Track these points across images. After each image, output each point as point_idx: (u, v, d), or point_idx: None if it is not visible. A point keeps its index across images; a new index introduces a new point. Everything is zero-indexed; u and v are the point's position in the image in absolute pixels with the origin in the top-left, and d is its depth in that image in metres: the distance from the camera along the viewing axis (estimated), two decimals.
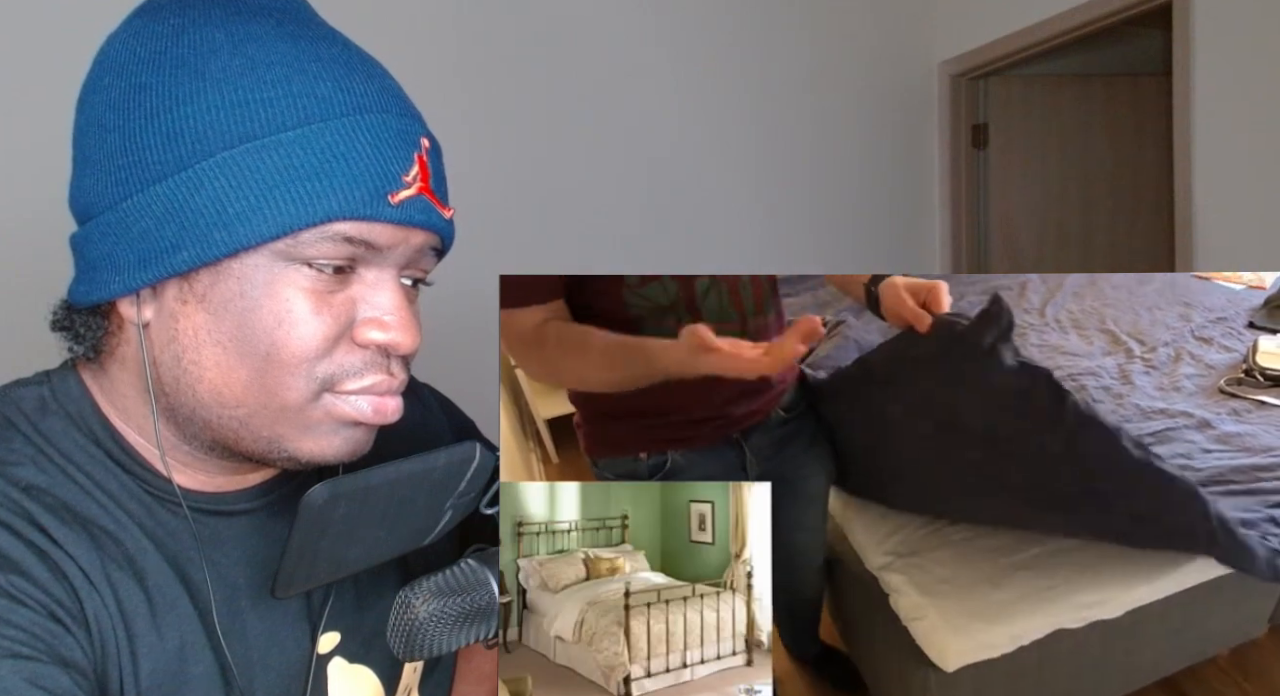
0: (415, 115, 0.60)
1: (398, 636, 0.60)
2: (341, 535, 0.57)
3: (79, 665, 0.53)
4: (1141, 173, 3.27)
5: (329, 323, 0.56)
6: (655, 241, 2.72)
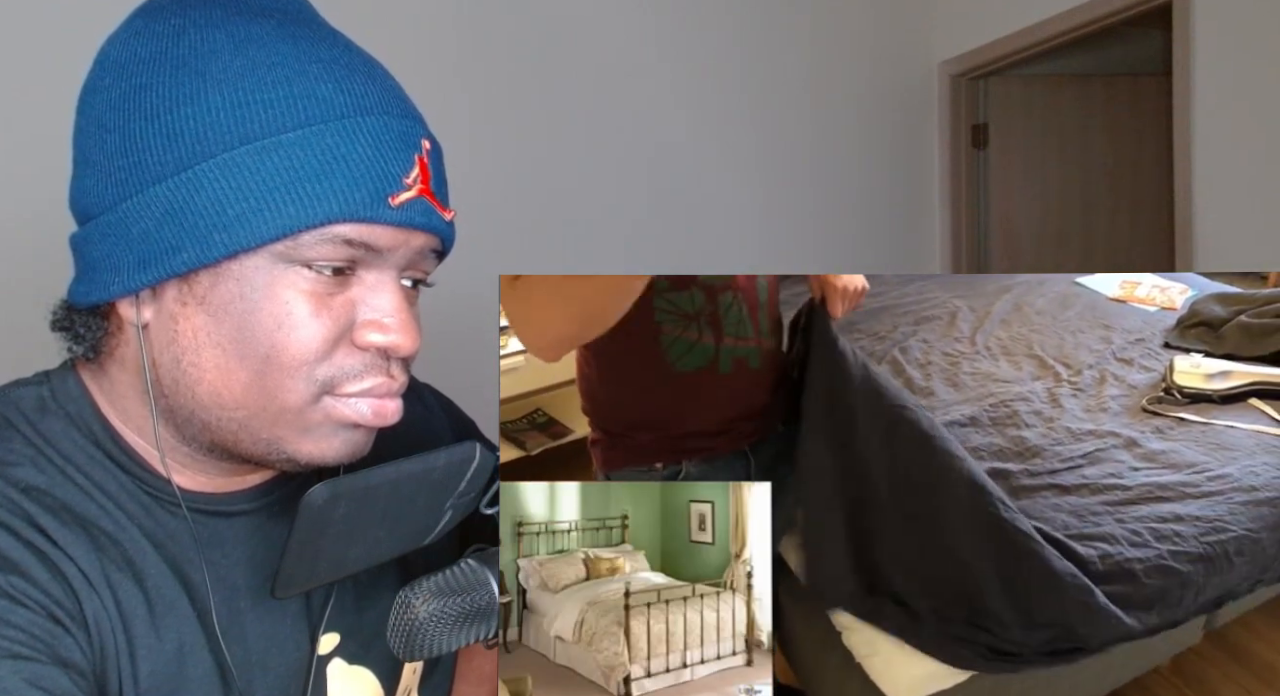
0: (416, 117, 0.60)
1: (398, 636, 0.60)
2: (341, 535, 0.57)
3: (78, 666, 0.53)
4: (1141, 173, 3.27)
5: (329, 325, 0.56)
6: (655, 241, 2.72)
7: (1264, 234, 2.32)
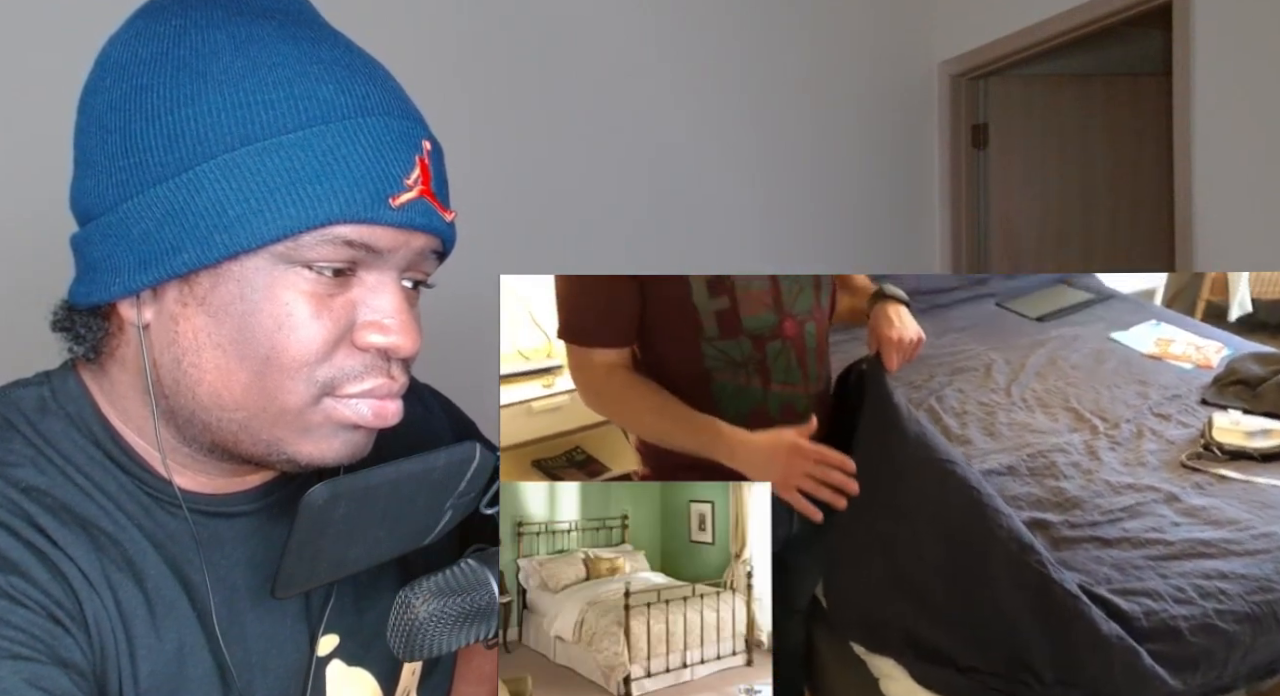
0: (417, 117, 0.60)
1: (398, 636, 0.60)
2: (341, 535, 0.57)
3: (78, 666, 0.53)
4: (1141, 173, 3.27)
5: (329, 326, 0.56)
6: (656, 242, 2.72)
7: (1264, 234, 2.32)
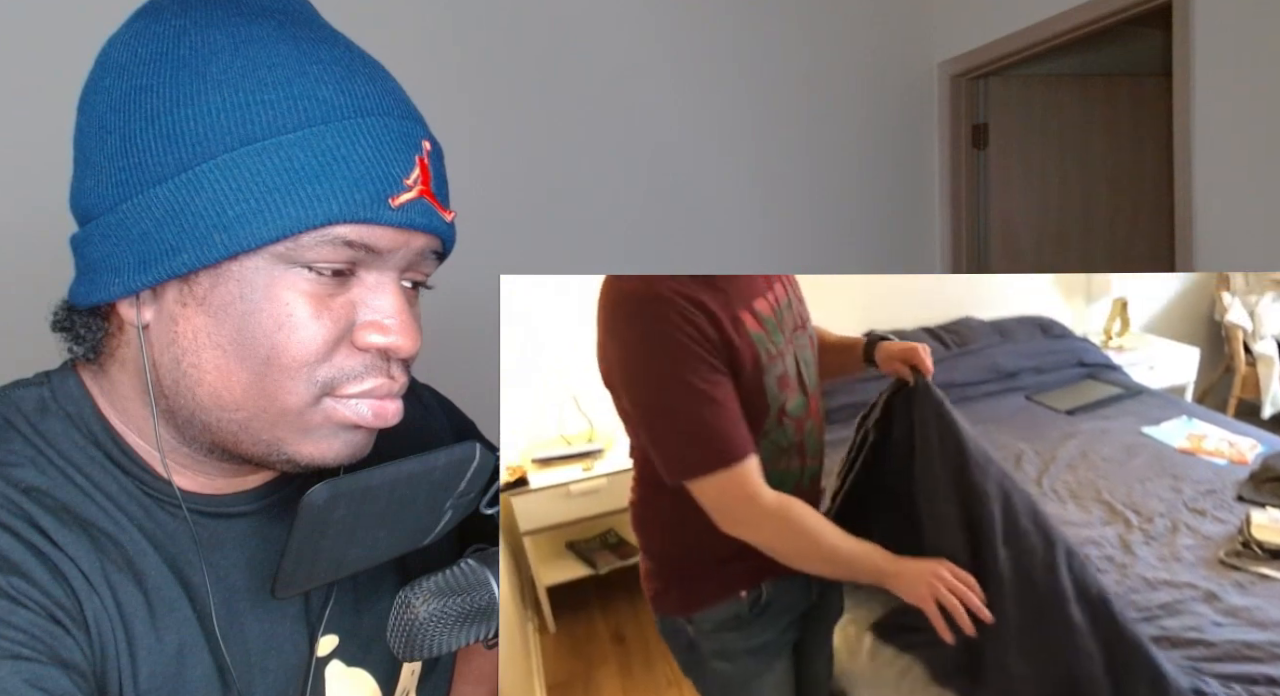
0: (417, 118, 0.60)
1: (398, 636, 0.60)
2: (341, 535, 0.57)
3: (78, 666, 0.53)
4: (1141, 173, 3.27)
5: (329, 326, 0.56)
6: (655, 242, 2.72)
7: (1264, 234, 2.32)
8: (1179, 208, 2.51)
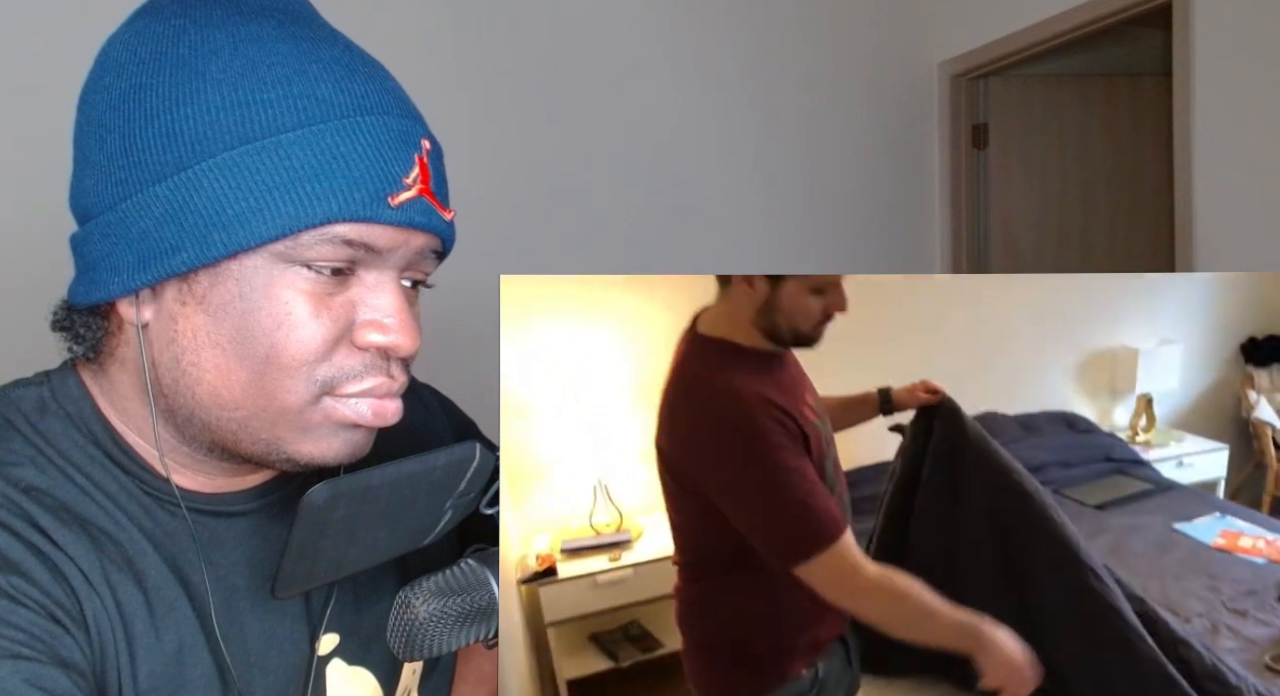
0: (416, 117, 0.60)
1: (398, 636, 0.60)
2: (341, 535, 0.57)
3: (78, 666, 0.53)
4: (1141, 172, 3.27)
5: (328, 325, 0.56)
6: (655, 242, 2.72)
7: (1264, 234, 2.32)
8: (1179, 208, 2.51)
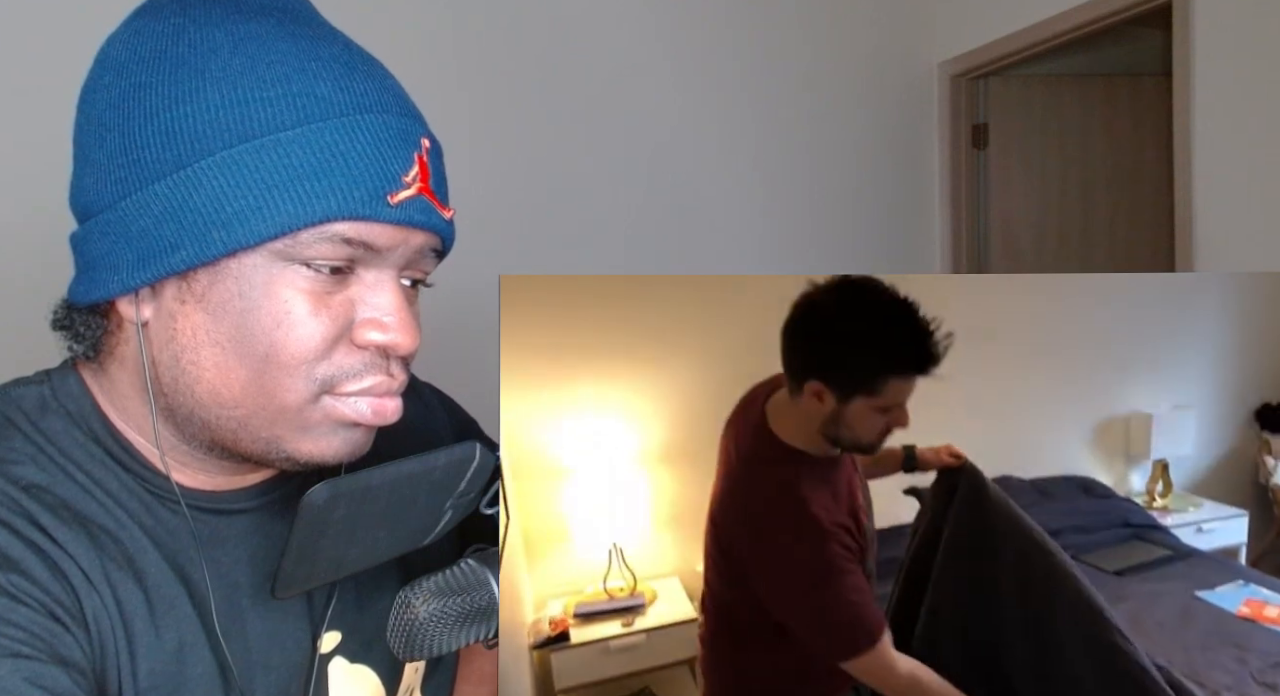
0: (416, 115, 0.60)
1: (398, 636, 0.60)
2: (341, 535, 0.57)
3: (78, 664, 0.53)
4: (1141, 172, 3.27)
5: (328, 324, 0.56)
6: (655, 242, 2.72)
7: (1264, 234, 2.32)
8: (1179, 208, 2.51)
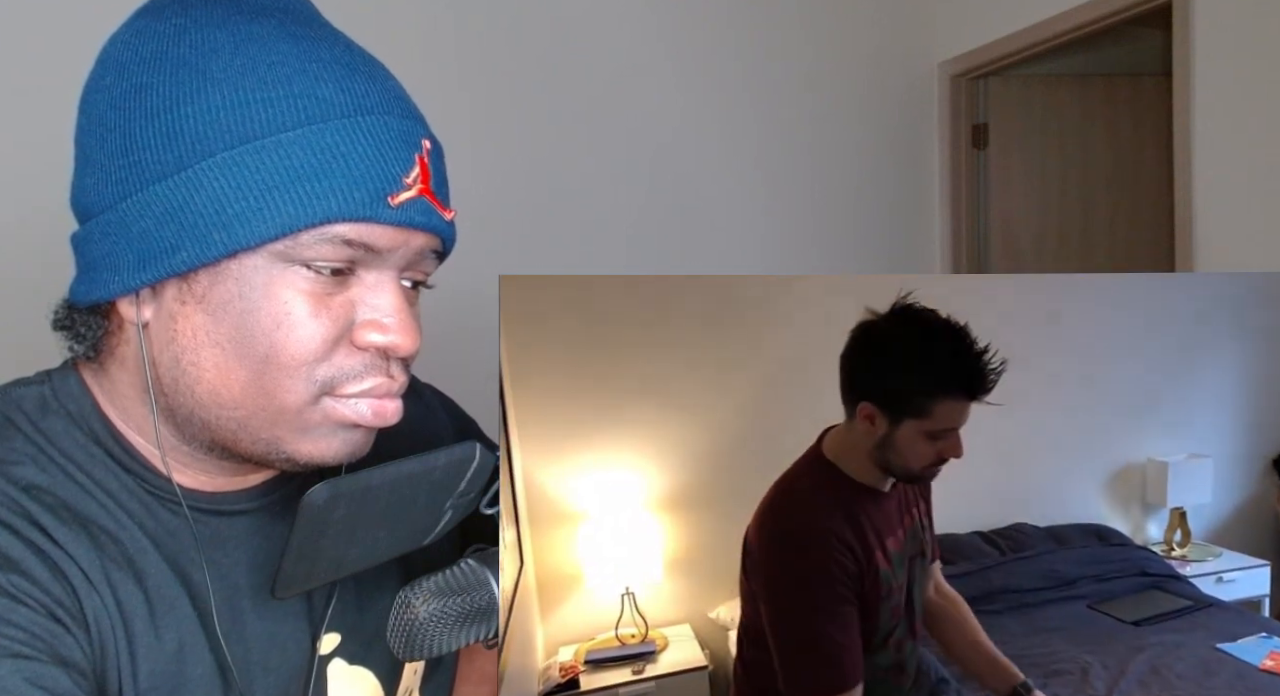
0: (417, 116, 0.60)
1: (398, 636, 0.60)
2: (341, 535, 0.57)
3: (79, 665, 0.53)
4: (1141, 173, 3.26)
5: (328, 325, 0.56)
6: (655, 242, 2.72)
7: (1264, 234, 2.32)
8: (1179, 208, 2.51)
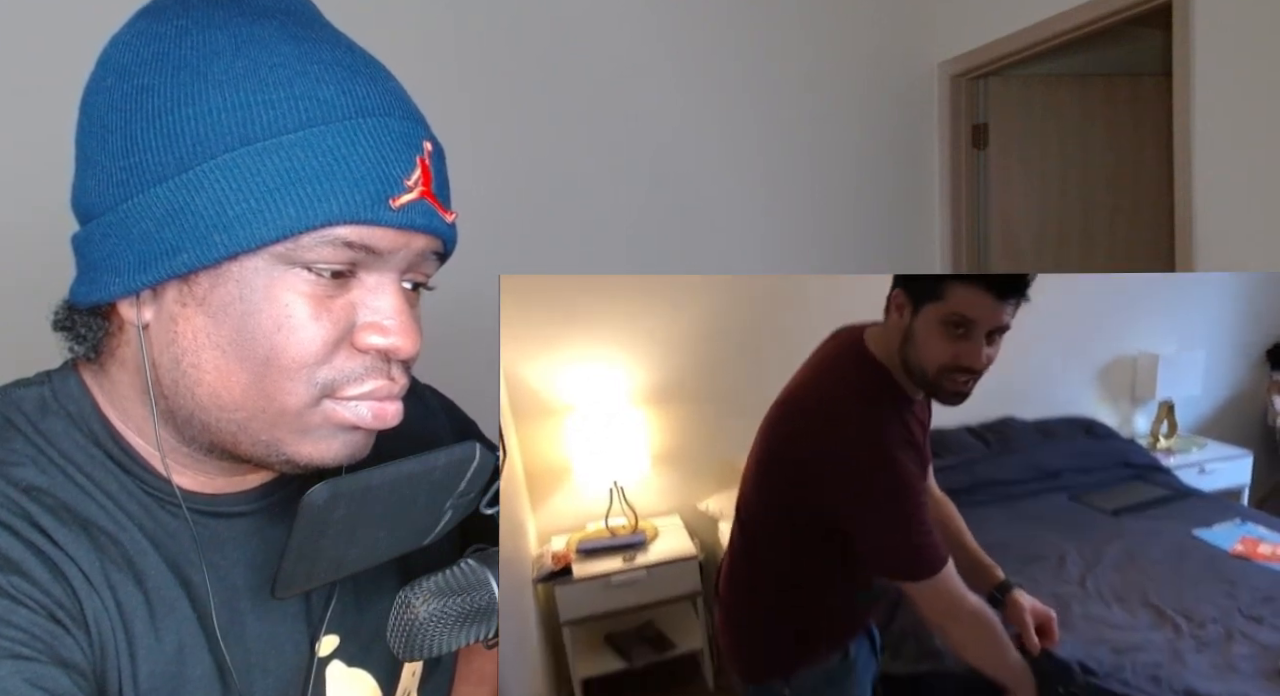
0: (418, 118, 0.60)
1: (398, 636, 0.60)
2: (341, 535, 0.57)
3: (79, 666, 0.53)
4: (1141, 173, 3.26)
5: (329, 327, 0.56)
6: (655, 242, 2.72)
7: (1264, 234, 2.32)
8: (1179, 208, 2.51)
